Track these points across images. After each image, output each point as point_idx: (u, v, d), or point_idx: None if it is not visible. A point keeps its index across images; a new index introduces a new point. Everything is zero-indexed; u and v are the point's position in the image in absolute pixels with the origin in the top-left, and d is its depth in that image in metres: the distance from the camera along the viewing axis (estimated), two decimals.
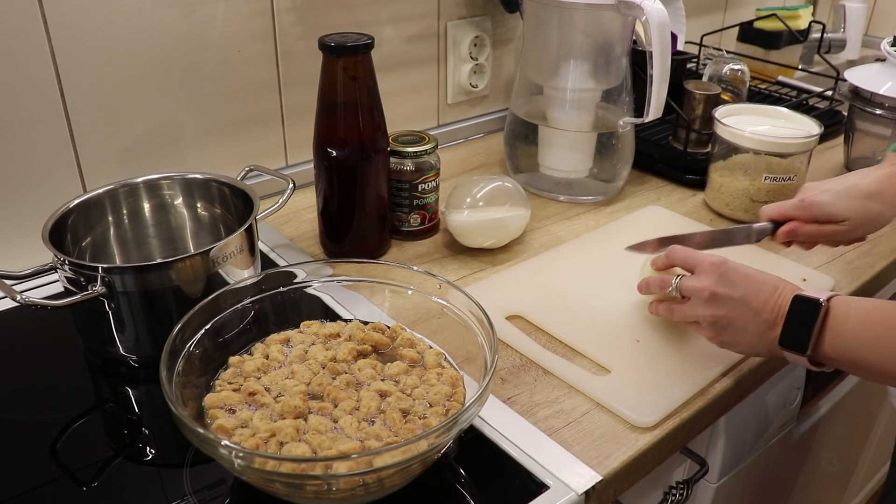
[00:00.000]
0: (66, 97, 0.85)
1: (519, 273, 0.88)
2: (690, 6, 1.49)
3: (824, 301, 0.61)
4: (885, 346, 0.58)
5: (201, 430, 0.52)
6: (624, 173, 1.08)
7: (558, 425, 0.67)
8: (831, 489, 1.38)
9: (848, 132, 1.19)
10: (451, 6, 1.17)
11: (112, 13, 0.85)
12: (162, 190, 0.84)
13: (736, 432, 0.85)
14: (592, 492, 0.61)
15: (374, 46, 0.82)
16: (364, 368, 0.65)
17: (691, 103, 1.15)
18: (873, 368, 0.60)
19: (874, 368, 0.59)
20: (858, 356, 0.60)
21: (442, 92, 1.22)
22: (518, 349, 0.76)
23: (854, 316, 0.61)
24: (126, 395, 0.73)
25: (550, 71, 1.03)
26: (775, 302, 0.64)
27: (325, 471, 0.52)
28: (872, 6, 1.84)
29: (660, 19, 0.92)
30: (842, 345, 0.61)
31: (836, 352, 0.61)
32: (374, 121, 0.85)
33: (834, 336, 0.61)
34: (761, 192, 0.98)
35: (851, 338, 0.60)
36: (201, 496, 0.60)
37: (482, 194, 0.90)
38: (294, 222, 1.00)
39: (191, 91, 0.95)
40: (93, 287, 0.68)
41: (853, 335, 0.60)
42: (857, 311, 0.61)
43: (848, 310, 0.61)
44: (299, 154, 1.09)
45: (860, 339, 0.60)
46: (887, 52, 1.12)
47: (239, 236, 0.74)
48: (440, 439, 0.54)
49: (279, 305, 0.72)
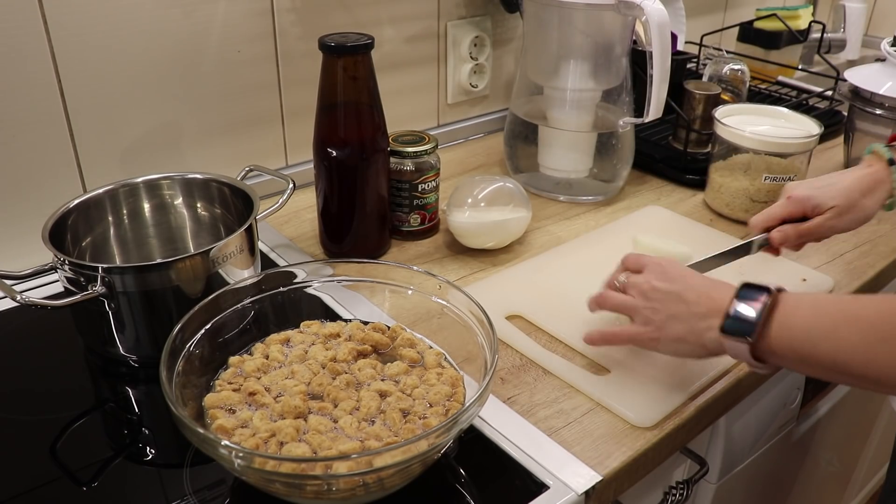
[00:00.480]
0: (66, 97, 0.85)
1: (519, 273, 0.88)
2: (690, 6, 1.49)
3: (774, 290, 0.59)
4: (841, 337, 0.55)
5: (201, 430, 0.52)
6: (624, 173, 1.08)
7: (558, 425, 0.67)
8: (831, 489, 1.38)
9: (848, 132, 1.19)
10: (451, 6, 1.17)
11: (112, 13, 0.85)
12: (162, 190, 0.84)
13: (736, 432, 0.85)
14: (592, 492, 0.61)
15: (374, 46, 0.82)
16: (364, 368, 0.65)
17: (691, 103, 1.15)
18: (825, 362, 0.56)
19: (825, 362, 0.56)
20: (809, 348, 0.56)
21: (442, 92, 1.22)
22: (518, 349, 0.76)
23: (806, 307, 0.58)
24: (126, 395, 0.73)
25: (550, 71, 1.03)
26: (710, 296, 0.63)
27: (325, 471, 0.52)
28: (872, 6, 1.84)
29: (660, 19, 0.92)
30: (790, 337, 0.58)
31: (782, 344, 0.58)
32: (374, 121, 0.85)
33: (782, 327, 0.58)
34: (761, 192, 0.98)
35: (802, 329, 0.57)
36: (201, 496, 0.60)
37: (484, 195, 0.90)
38: (294, 222, 1.00)
39: (191, 91, 0.95)
40: (93, 287, 0.68)
41: (804, 326, 0.57)
42: (809, 303, 0.58)
43: (799, 301, 0.59)
44: (299, 154, 1.09)
45: (812, 330, 0.57)
46: (887, 52, 1.12)
47: (239, 236, 0.74)
48: (440, 439, 0.54)
49: (279, 305, 0.72)
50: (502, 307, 0.81)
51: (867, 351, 0.54)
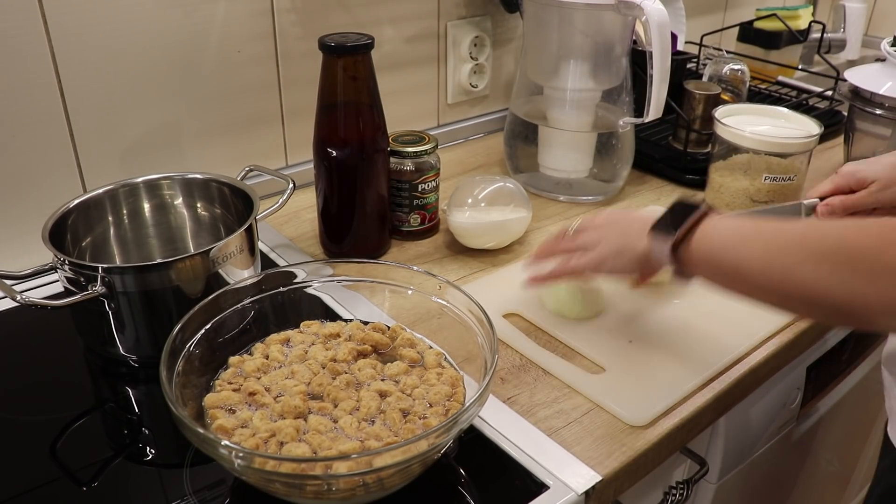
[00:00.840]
0: (66, 97, 0.85)
1: (518, 272, 0.88)
2: (690, 6, 1.49)
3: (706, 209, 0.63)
4: (747, 248, 0.58)
5: (201, 430, 0.52)
6: (624, 173, 1.08)
7: (558, 425, 0.67)
8: (831, 489, 1.38)
9: (848, 132, 1.18)
10: (451, 6, 1.17)
11: (112, 13, 0.85)
12: (162, 190, 0.84)
13: (736, 432, 0.85)
14: (592, 492, 0.61)
15: (374, 46, 0.82)
16: (364, 368, 0.65)
17: (691, 103, 1.15)
18: (728, 272, 0.59)
19: (729, 272, 0.59)
20: (719, 257, 0.60)
21: (442, 92, 1.22)
22: (517, 349, 0.76)
23: (728, 222, 0.61)
24: (126, 395, 0.73)
25: (550, 71, 1.03)
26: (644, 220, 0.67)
27: (325, 471, 0.52)
28: (872, 6, 1.84)
29: (660, 19, 0.92)
30: (706, 246, 0.61)
31: (699, 253, 0.61)
32: (374, 121, 0.85)
33: (704, 235, 0.61)
34: (761, 192, 0.98)
35: (718, 239, 0.60)
36: (201, 496, 0.60)
37: (484, 195, 0.90)
38: (294, 222, 1.00)
39: (191, 91, 0.95)
40: (93, 287, 0.68)
41: (721, 237, 0.60)
42: (733, 220, 0.61)
43: (725, 218, 0.62)
44: (299, 154, 1.09)
45: (726, 240, 0.60)
46: (887, 52, 1.12)
47: (239, 236, 0.74)
48: (440, 439, 0.54)
49: (279, 305, 0.72)
50: (499, 305, 0.81)
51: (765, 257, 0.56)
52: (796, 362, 0.90)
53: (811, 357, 0.94)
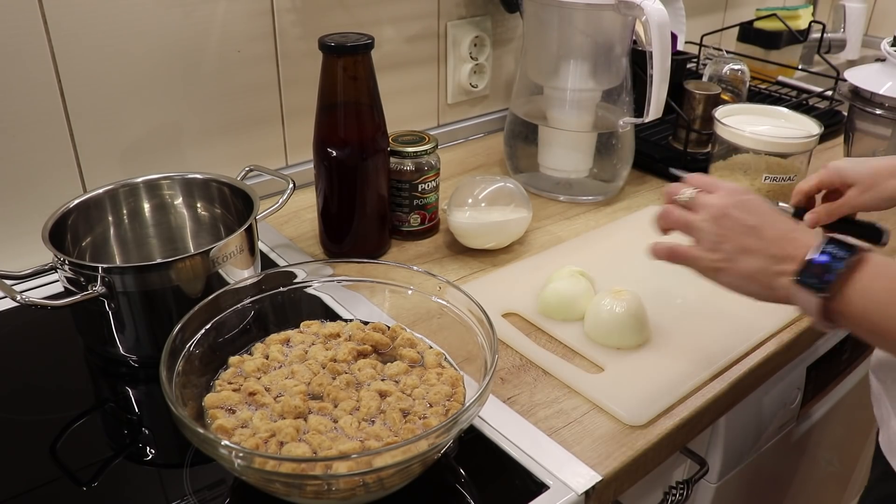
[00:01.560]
0: (66, 97, 0.85)
1: (517, 272, 0.88)
2: (690, 6, 1.49)
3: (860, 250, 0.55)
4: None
5: (201, 430, 0.52)
6: (624, 173, 1.08)
7: (558, 425, 0.67)
8: (831, 489, 1.38)
9: (848, 132, 1.18)
10: (451, 6, 1.17)
11: (112, 13, 0.85)
12: (162, 190, 0.84)
13: (736, 432, 0.85)
14: (592, 492, 0.61)
15: (374, 46, 0.82)
16: (364, 368, 0.65)
17: (691, 103, 1.15)
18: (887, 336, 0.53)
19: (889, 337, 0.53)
20: (875, 323, 0.53)
21: (442, 92, 1.22)
22: (517, 349, 0.76)
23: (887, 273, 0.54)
24: (126, 395, 0.73)
25: (550, 71, 1.03)
26: (791, 239, 0.58)
27: (325, 471, 0.52)
28: (872, 6, 1.84)
29: (660, 19, 0.92)
30: (864, 305, 0.54)
31: (856, 308, 0.54)
32: (374, 121, 0.85)
33: (859, 291, 0.54)
34: (761, 192, 0.98)
35: (880, 300, 0.53)
36: (201, 496, 0.60)
37: (484, 195, 0.90)
38: (294, 222, 1.00)
39: (191, 91, 0.95)
40: (93, 287, 0.68)
41: (883, 296, 0.53)
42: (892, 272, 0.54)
43: (884, 268, 0.54)
44: (299, 154, 1.09)
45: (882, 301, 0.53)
46: (887, 52, 1.12)
47: (239, 236, 0.74)
48: (440, 439, 0.54)
49: (279, 305, 0.72)
50: (499, 305, 0.81)
51: None
52: (796, 362, 0.90)
53: (811, 357, 0.94)
